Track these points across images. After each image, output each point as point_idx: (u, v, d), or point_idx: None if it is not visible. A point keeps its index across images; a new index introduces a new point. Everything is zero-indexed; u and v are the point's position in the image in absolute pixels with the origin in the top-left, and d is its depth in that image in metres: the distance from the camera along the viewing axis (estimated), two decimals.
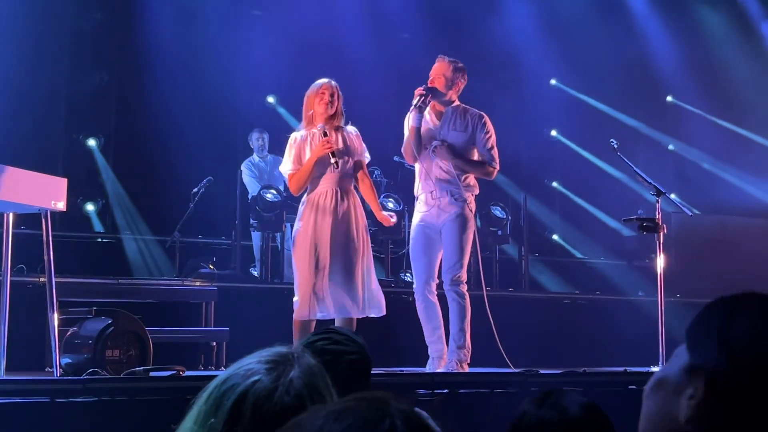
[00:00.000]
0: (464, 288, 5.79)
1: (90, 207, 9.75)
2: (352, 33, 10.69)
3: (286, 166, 5.59)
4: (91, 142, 9.87)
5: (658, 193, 6.34)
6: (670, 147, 12.78)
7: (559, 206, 12.18)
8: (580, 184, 11.95)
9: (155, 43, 9.67)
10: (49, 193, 4.91)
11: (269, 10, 10.56)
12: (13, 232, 5.05)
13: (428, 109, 5.85)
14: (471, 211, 5.83)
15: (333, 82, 5.67)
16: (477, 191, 5.96)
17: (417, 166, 5.96)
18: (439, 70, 5.86)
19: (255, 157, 9.22)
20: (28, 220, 5.85)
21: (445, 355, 5.84)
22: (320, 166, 5.50)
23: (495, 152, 5.87)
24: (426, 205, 5.82)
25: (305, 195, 5.60)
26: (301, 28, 10.60)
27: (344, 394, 2.44)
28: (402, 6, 10.98)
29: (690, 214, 7.50)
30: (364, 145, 5.77)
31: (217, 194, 8.85)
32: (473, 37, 11.08)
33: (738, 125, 12.24)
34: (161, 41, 9.65)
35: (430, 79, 5.91)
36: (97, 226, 9.81)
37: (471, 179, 5.91)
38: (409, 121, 5.90)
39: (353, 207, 5.55)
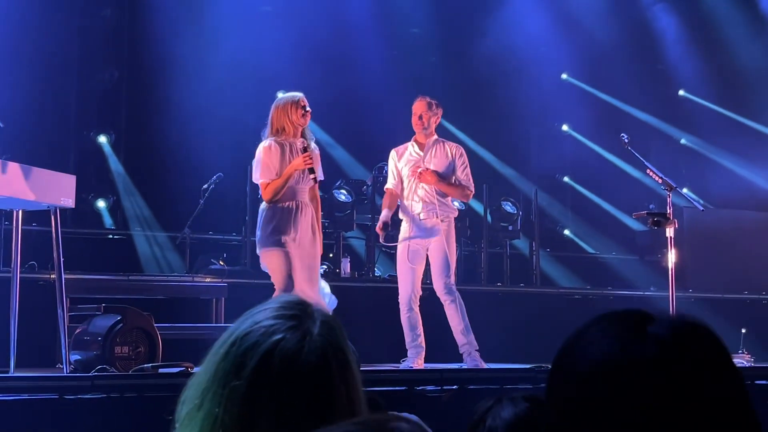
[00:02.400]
0: (454, 287, 6.31)
1: (101, 203, 9.77)
2: (362, 28, 10.67)
3: (263, 175, 5.66)
4: (102, 139, 9.88)
5: (670, 188, 6.31)
6: (682, 141, 12.71)
7: (570, 201, 12.14)
8: (592, 178, 11.90)
9: (165, 39, 9.67)
10: (58, 190, 4.92)
11: (279, 5, 10.55)
12: (22, 229, 5.07)
13: (411, 141, 6.54)
14: (452, 228, 6.47)
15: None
16: (456, 213, 6.59)
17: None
18: (423, 107, 6.48)
19: None
20: (39, 216, 5.87)
21: (422, 356, 6.22)
22: (291, 178, 5.65)
23: (470, 179, 6.51)
24: (413, 224, 6.37)
25: (269, 204, 5.66)
26: (310, 22, 10.58)
27: None
28: (411, 1, 10.95)
29: (701, 208, 7.46)
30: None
31: (228, 190, 8.85)
32: (484, 31, 11.05)
33: (751, 119, 12.16)
34: (171, 38, 9.65)
35: (418, 114, 6.46)
36: (108, 223, 9.83)
37: (450, 202, 6.52)
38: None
39: (313, 217, 5.73)
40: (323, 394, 1.23)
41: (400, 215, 6.51)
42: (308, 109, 5.77)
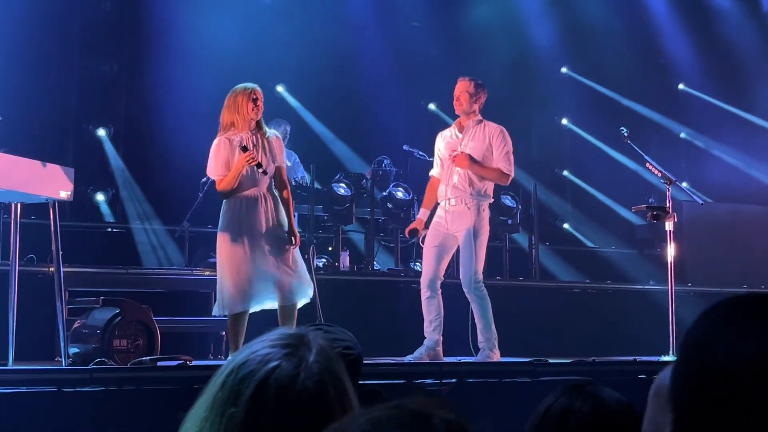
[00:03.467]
0: (483, 287, 6.18)
1: (100, 197, 9.76)
2: (363, 21, 10.65)
3: (214, 172, 5.66)
4: (101, 132, 9.87)
5: (669, 182, 6.31)
6: (682, 135, 12.70)
7: (569, 195, 12.13)
8: (591, 172, 11.89)
9: (165, 32, 9.66)
10: (56, 182, 4.91)
11: None
12: (21, 222, 5.06)
13: (453, 124, 6.47)
14: (485, 218, 6.28)
15: (258, 87, 5.76)
16: (491, 200, 6.42)
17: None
18: (462, 88, 6.36)
19: None
20: (38, 209, 5.86)
21: (438, 346, 6.16)
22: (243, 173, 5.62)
23: (510, 162, 6.32)
24: (444, 210, 6.28)
25: (227, 199, 5.67)
26: (310, 16, 10.57)
27: None
28: None
29: (701, 202, 7.46)
30: (284, 150, 5.91)
31: None
32: (484, 25, 11.03)
33: (750, 113, 12.15)
34: (170, 31, 9.64)
35: (456, 96, 6.36)
36: (107, 216, 9.83)
37: (487, 188, 6.33)
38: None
39: (276, 207, 5.65)
40: (321, 420, 1.24)
41: (438, 198, 6.40)
42: (259, 102, 5.67)
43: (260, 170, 5.54)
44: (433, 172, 6.48)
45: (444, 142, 6.41)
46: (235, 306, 5.47)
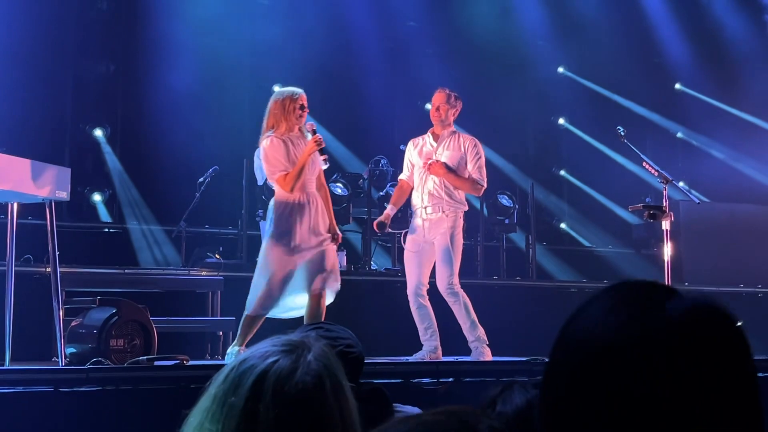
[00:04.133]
0: (458, 288, 6.27)
1: (97, 197, 9.75)
2: (359, 21, 10.65)
3: (277, 169, 5.61)
4: (98, 132, 9.86)
5: (666, 181, 6.31)
6: (679, 134, 12.71)
7: (566, 194, 12.14)
8: (588, 172, 11.90)
9: (161, 32, 9.65)
10: (54, 182, 4.91)
11: None
12: (18, 222, 5.05)
13: (428, 133, 6.56)
14: (460, 225, 6.40)
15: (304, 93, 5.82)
16: (466, 208, 6.53)
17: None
18: (441, 99, 6.48)
19: None
20: (35, 209, 5.85)
21: (438, 350, 6.23)
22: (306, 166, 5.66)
23: (483, 172, 6.46)
24: (421, 219, 6.38)
25: (278, 197, 5.68)
26: (307, 16, 10.56)
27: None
28: None
29: (697, 201, 7.48)
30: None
31: (223, 184, 8.84)
32: (481, 25, 11.04)
33: (747, 112, 12.17)
34: (167, 30, 9.63)
35: (435, 106, 6.47)
36: (104, 216, 9.81)
37: (461, 195, 6.44)
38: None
39: (323, 207, 5.77)
40: (317, 414, 1.30)
41: (412, 206, 6.52)
42: (306, 108, 5.73)
43: (323, 157, 5.65)
44: (402, 177, 6.59)
45: (417, 149, 6.51)
46: (258, 309, 5.57)
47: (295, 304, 5.68)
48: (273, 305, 5.60)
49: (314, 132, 5.66)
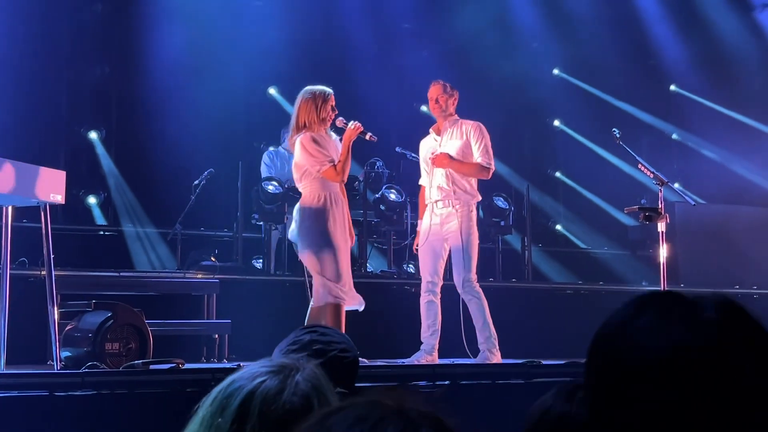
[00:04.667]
0: (477, 287, 6.20)
1: (92, 200, 9.74)
2: (353, 23, 10.65)
3: (324, 160, 5.63)
4: (93, 135, 9.85)
5: (661, 183, 6.31)
6: (674, 136, 12.73)
7: (562, 196, 12.15)
8: (584, 173, 11.91)
9: (156, 35, 9.64)
10: (48, 185, 4.90)
11: (270, 1, 10.52)
12: (12, 225, 5.04)
13: (430, 129, 6.54)
14: (473, 219, 6.33)
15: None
16: (479, 198, 6.46)
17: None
18: (438, 90, 6.46)
19: (281, 149, 8.99)
20: (30, 213, 5.84)
21: (435, 351, 6.20)
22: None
23: (490, 154, 6.39)
24: (432, 213, 6.33)
25: (317, 189, 5.64)
26: (301, 18, 10.56)
27: (334, 385, 2.44)
28: None
29: (693, 203, 7.46)
30: None
31: (219, 186, 8.83)
32: (475, 27, 11.04)
33: (742, 114, 12.18)
34: (162, 33, 9.63)
35: (433, 99, 6.45)
36: (99, 219, 9.80)
37: (471, 186, 6.36)
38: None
39: (346, 205, 5.87)
40: None
41: (426, 200, 6.47)
42: (335, 110, 5.80)
43: (369, 135, 5.79)
44: (422, 182, 6.55)
45: (424, 148, 6.51)
46: (338, 295, 5.58)
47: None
48: (349, 292, 5.65)
49: (346, 124, 5.75)
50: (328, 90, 5.82)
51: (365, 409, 1.02)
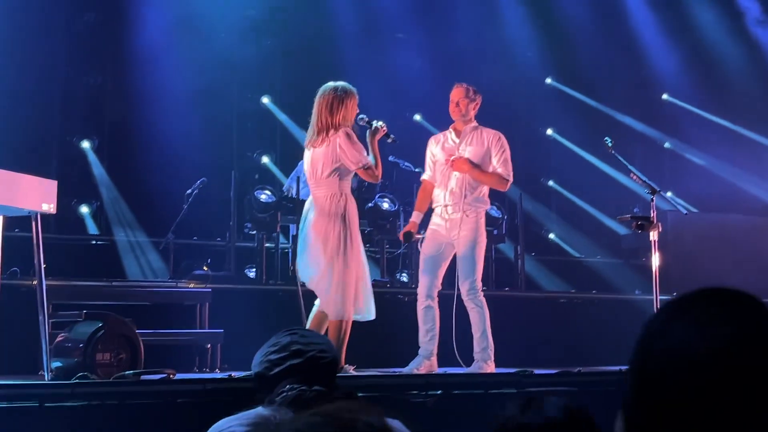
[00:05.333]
0: (482, 296, 6.14)
1: (84, 209, 9.72)
2: (346, 32, 10.66)
3: (368, 158, 5.66)
4: (85, 144, 9.84)
5: (653, 191, 6.32)
6: (666, 145, 12.76)
7: (555, 205, 12.16)
8: (577, 182, 11.93)
9: (149, 44, 9.64)
10: (39, 195, 4.88)
11: (263, 10, 10.53)
12: (4, 235, 5.02)
13: (449, 129, 6.38)
14: (482, 225, 6.23)
15: None
16: (488, 206, 6.42)
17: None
18: (461, 93, 6.35)
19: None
20: (22, 222, 5.82)
21: (433, 356, 6.12)
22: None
23: (509, 166, 6.32)
24: (440, 217, 6.20)
25: (341, 189, 5.62)
26: (295, 27, 10.57)
27: (312, 384, 2.43)
28: (397, 6, 10.95)
29: (684, 212, 7.49)
30: None
31: (211, 195, 8.82)
32: (469, 36, 11.06)
33: (734, 123, 12.22)
34: (154, 43, 9.63)
35: (454, 101, 6.33)
36: (92, 229, 9.78)
37: (484, 193, 6.27)
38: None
39: None
40: None
41: (432, 205, 6.33)
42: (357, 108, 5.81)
43: (391, 139, 5.83)
44: (425, 176, 6.41)
45: (439, 146, 6.33)
46: (352, 311, 5.58)
47: (372, 305, 5.74)
48: (366, 306, 5.64)
49: (368, 122, 5.77)
50: (354, 88, 5.82)
51: (312, 419, 1.02)
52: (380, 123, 5.81)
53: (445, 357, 6.23)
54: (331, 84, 5.78)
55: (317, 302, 5.72)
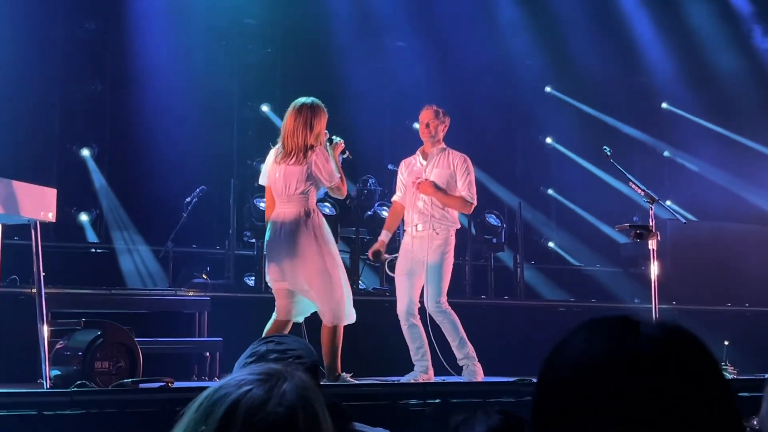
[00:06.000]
0: (447, 306, 6.24)
1: (84, 217, 9.72)
2: (347, 41, 10.69)
3: (337, 174, 5.75)
4: (85, 152, 9.85)
5: (652, 201, 6.33)
6: (666, 153, 12.77)
7: (554, 213, 12.16)
8: (576, 191, 11.94)
9: (148, 52, 9.66)
10: (39, 203, 4.89)
11: (262, 19, 10.55)
12: (4, 243, 5.03)
13: (417, 151, 6.52)
14: (451, 243, 6.34)
15: None
16: (458, 226, 6.47)
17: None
18: (430, 115, 6.44)
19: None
20: (21, 230, 5.83)
21: (429, 370, 6.20)
22: None
23: (473, 190, 6.41)
24: (410, 236, 6.34)
25: (310, 205, 5.71)
26: (293, 35, 10.59)
27: None
28: (397, 15, 10.98)
29: (683, 221, 7.49)
30: None
31: (211, 204, 8.83)
32: (468, 45, 11.08)
33: (733, 132, 12.24)
34: (154, 51, 9.64)
35: (424, 123, 6.43)
36: (91, 237, 9.78)
37: (452, 214, 6.38)
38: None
39: None
40: None
41: (404, 225, 6.47)
42: None
43: (346, 154, 5.95)
44: (396, 198, 6.55)
45: (408, 169, 6.47)
46: (353, 315, 5.75)
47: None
48: (351, 310, 5.78)
49: (331, 138, 5.85)
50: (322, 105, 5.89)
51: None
52: (339, 139, 5.91)
53: (438, 365, 6.24)
54: (303, 100, 5.83)
55: (274, 315, 5.77)
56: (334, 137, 5.90)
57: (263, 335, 5.56)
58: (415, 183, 6.30)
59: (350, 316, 5.74)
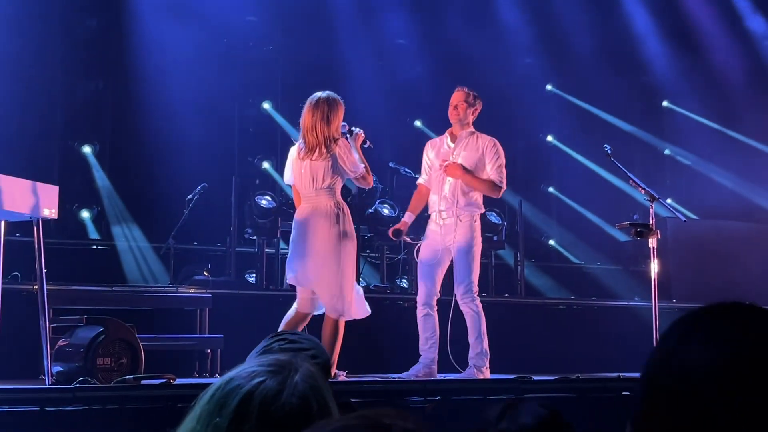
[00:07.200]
0: (478, 301, 6.16)
1: (85, 214, 9.74)
2: (348, 37, 10.70)
3: (361, 164, 5.74)
4: (87, 149, 9.86)
5: (652, 199, 6.34)
6: (666, 152, 12.78)
7: (555, 211, 12.17)
8: (576, 189, 11.94)
9: (150, 49, 9.67)
10: (41, 200, 4.90)
11: (264, 16, 10.56)
12: (6, 240, 5.04)
13: (446, 133, 6.41)
14: (477, 229, 6.22)
15: None
16: (482, 210, 6.38)
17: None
18: (461, 97, 6.36)
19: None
20: (23, 227, 5.85)
21: (434, 364, 6.14)
22: None
23: (503, 173, 6.26)
24: (435, 223, 6.23)
25: (337, 197, 5.71)
26: (295, 33, 10.60)
27: None
28: (397, 12, 10.99)
29: (684, 219, 7.49)
30: None
31: (212, 201, 8.84)
32: (469, 43, 11.09)
33: (734, 130, 12.24)
34: (155, 48, 9.65)
35: (453, 104, 6.34)
36: (92, 233, 9.80)
37: (477, 198, 6.26)
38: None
39: None
40: None
41: (429, 210, 6.36)
42: None
43: (368, 144, 5.94)
44: (421, 180, 6.45)
45: (434, 151, 6.36)
46: (363, 311, 5.75)
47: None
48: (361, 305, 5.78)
49: (351, 130, 5.85)
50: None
51: (350, 421, 1.05)
52: (359, 129, 5.91)
53: (441, 361, 6.25)
54: (319, 94, 5.80)
55: (294, 306, 5.76)
56: (353, 128, 5.89)
57: (280, 327, 5.59)
58: (442, 165, 6.19)
59: (359, 312, 5.71)
